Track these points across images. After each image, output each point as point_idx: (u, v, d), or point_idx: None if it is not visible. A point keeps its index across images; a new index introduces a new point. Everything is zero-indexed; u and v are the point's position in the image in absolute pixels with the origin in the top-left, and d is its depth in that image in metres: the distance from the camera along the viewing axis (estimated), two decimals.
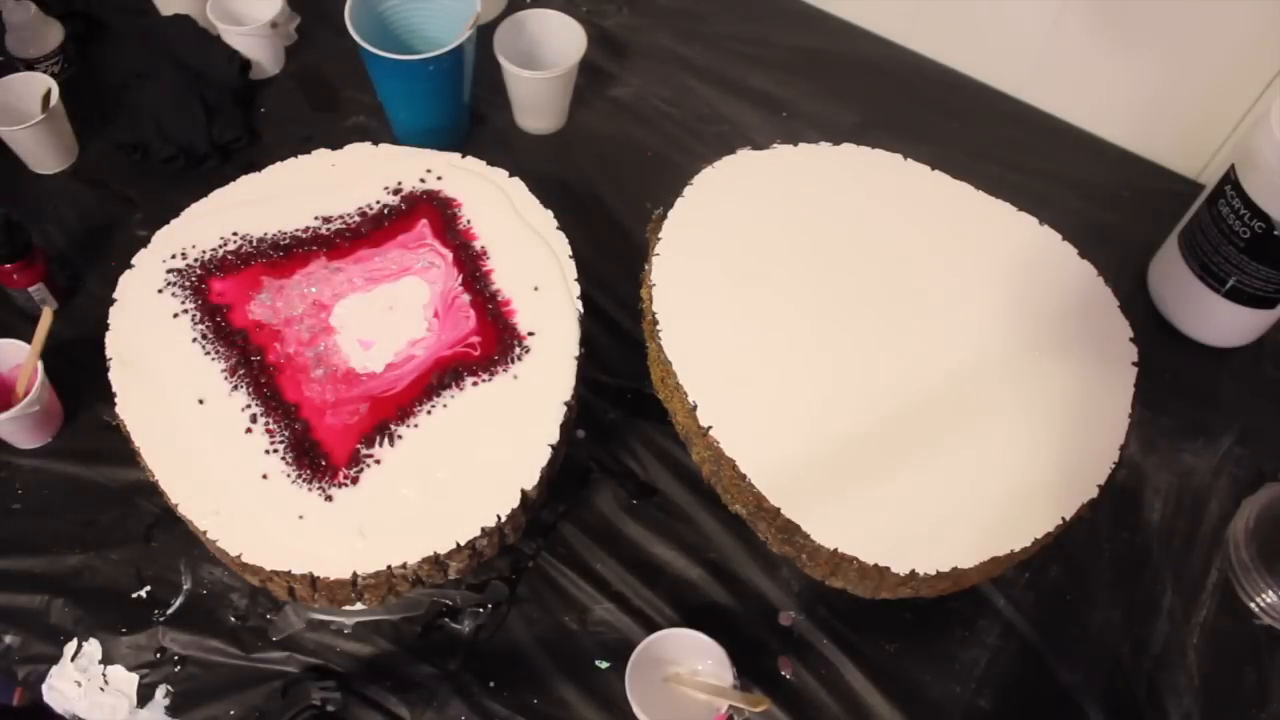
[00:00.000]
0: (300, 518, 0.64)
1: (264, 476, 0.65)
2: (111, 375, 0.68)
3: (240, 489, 0.64)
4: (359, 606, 0.68)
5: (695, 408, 0.67)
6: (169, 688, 0.69)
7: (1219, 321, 0.84)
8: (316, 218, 0.76)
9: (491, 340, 0.71)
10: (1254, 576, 0.74)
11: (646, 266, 0.75)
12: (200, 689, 0.69)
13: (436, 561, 0.64)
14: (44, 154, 0.91)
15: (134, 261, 0.73)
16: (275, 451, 0.66)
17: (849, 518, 0.64)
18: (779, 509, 0.64)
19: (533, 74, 0.90)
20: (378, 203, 0.77)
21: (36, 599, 0.72)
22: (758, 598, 0.73)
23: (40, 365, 0.74)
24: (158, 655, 0.70)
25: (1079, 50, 0.94)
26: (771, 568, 0.74)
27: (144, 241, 0.74)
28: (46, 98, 0.88)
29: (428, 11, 0.91)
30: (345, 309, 0.72)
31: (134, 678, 0.69)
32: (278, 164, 0.78)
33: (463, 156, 0.80)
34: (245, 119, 0.94)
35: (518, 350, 0.71)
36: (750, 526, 0.70)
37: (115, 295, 0.71)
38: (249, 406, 0.67)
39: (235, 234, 0.75)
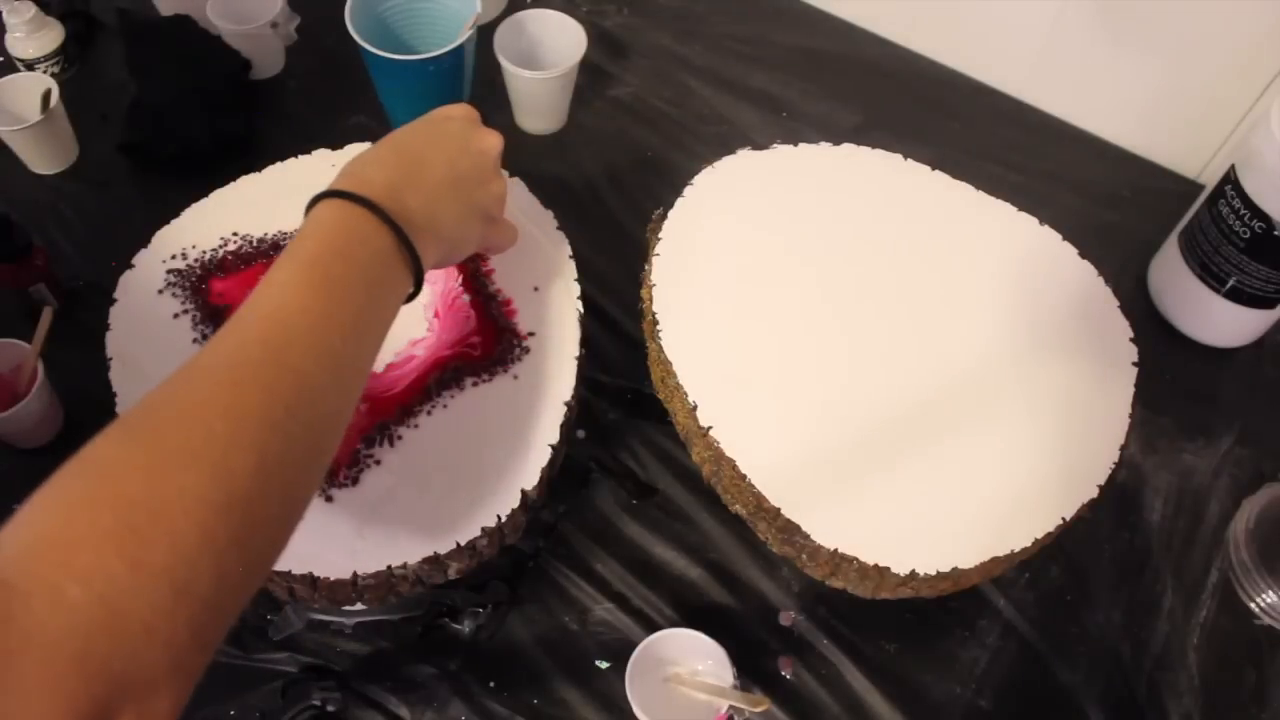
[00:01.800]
0: None
1: None
2: (111, 375, 0.68)
3: None
4: (359, 606, 0.68)
5: (695, 408, 0.67)
6: None
7: (1219, 321, 0.84)
8: None
9: (491, 340, 0.71)
10: (1254, 577, 0.74)
11: (646, 266, 0.75)
12: (200, 689, 0.68)
13: (436, 561, 0.64)
14: (44, 154, 0.91)
15: (134, 261, 0.73)
16: None
17: (849, 518, 0.64)
18: (779, 509, 0.64)
19: (533, 74, 0.90)
20: None
21: None
22: (758, 598, 0.73)
23: (40, 365, 0.74)
24: None
25: (1079, 50, 0.94)
26: (771, 568, 0.74)
27: (144, 241, 0.74)
28: (46, 98, 0.88)
29: (428, 11, 0.91)
30: None
31: None
32: (278, 164, 0.78)
33: None
34: (245, 119, 0.94)
35: (518, 350, 0.71)
36: (750, 526, 0.70)
37: (115, 295, 0.71)
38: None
39: (235, 234, 0.75)
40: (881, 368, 0.70)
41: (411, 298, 0.57)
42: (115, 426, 0.43)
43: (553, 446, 0.67)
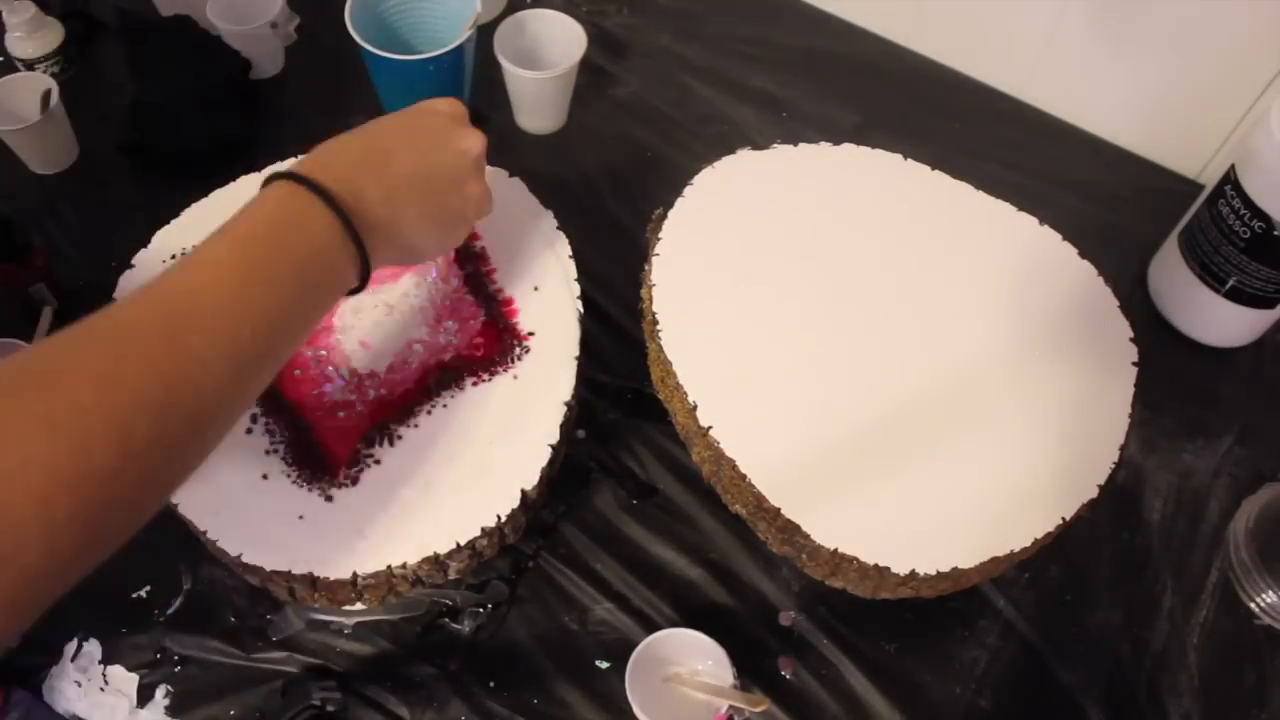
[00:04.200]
0: (300, 518, 0.64)
1: (264, 477, 0.65)
2: None
3: (240, 489, 0.64)
4: (359, 606, 0.68)
5: (695, 408, 0.67)
6: (169, 688, 0.69)
7: (1219, 321, 0.84)
8: None
9: (491, 340, 0.71)
10: (1254, 576, 0.74)
11: (646, 266, 0.75)
12: (200, 689, 0.69)
13: (436, 561, 0.64)
14: (44, 154, 0.91)
15: (134, 261, 0.73)
16: (275, 452, 0.66)
17: (849, 518, 0.64)
18: (779, 509, 0.64)
19: (533, 74, 0.90)
20: None
21: None
22: (758, 598, 0.73)
23: None
24: (158, 655, 0.70)
25: (1079, 50, 0.94)
26: (771, 568, 0.74)
27: (144, 241, 0.74)
28: (46, 98, 0.88)
29: (428, 11, 0.91)
30: (345, 309, 0.72)
31: (134, 678, 0.69)
32: (278, 164, 0.78)
33: None
34: (245, 119, 0.94)
35: (518, 350, 0.71)
36: (750, 526, 0.70)
37: (115, 295, 0.71)
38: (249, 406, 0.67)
39: None
40: (882, 367, 0.70)
41: (355, 292, 0.54)
42: None
43: (553, 446, 0.67)
